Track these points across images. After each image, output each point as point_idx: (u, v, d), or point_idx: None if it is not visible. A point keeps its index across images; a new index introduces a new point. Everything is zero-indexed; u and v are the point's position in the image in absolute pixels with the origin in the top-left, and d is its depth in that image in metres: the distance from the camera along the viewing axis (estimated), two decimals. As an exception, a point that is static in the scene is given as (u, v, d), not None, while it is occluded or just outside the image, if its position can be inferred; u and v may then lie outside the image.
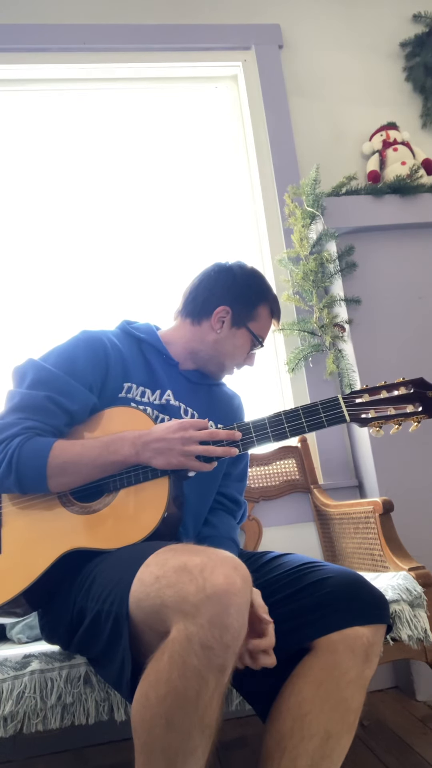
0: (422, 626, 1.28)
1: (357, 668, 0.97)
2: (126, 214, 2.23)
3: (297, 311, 2.10)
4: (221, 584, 0.82)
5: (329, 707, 0.94)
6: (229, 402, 1.43)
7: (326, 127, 2.34)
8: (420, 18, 2.48)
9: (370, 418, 1.07)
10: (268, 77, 2.33)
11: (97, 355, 1.23)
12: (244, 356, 1.39)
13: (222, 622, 0.80)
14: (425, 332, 2.05)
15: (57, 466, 1.09)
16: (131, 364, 1.28)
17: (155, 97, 2.37)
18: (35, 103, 2.28)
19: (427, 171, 2.20)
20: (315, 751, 0.91)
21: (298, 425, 1.10)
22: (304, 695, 0.95)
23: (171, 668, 0.80)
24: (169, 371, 1.32)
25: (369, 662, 0.98)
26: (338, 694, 0.95)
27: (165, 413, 1.27)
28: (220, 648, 0.80)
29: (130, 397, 1.24)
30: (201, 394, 1.36)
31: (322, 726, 0.92)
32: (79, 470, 1.10)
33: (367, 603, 1.02)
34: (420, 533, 1.79)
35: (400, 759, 1.42)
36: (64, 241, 2.18)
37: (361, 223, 2.05)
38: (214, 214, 2.29)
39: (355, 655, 0.97)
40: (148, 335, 1.35)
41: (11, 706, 1.10)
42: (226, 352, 1.36)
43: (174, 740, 0.79)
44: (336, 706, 0.94)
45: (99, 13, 2.29)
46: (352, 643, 0.98)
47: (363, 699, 0.98)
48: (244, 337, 1.36)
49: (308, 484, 1.95)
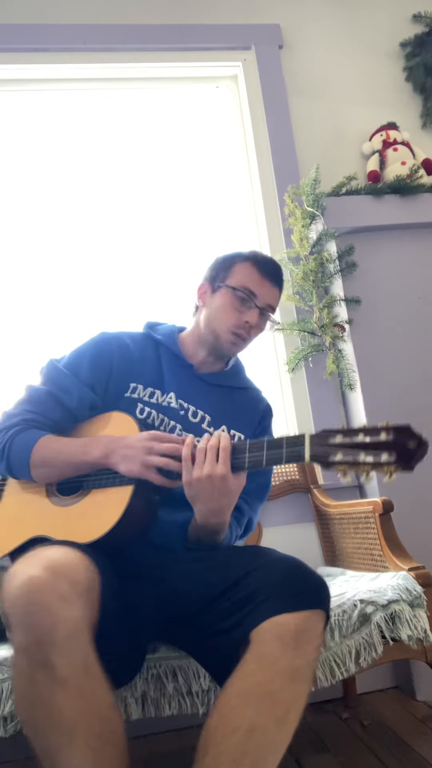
0: (422, 626, 1.28)
1: (286, 657, 0.92)
2: (126, 214, 2.23)
3: (297, 311, 2.09)
4: (18, 588, 0.86)
5: (255, 699, 0.90)
6: (251, 408, 1.40)
7: (326, 127, 2.34)
8: (420, 18, 2.48)
9: (335, 462, 0.96)
10: (268, 77, 2.33)
11: (102, 356, 1.30)
12: (236, 315, 1.31)
13: (27, 623, 0.84)
14: (425, 332, 2.05)
15: (38, 458, 1.17)
16: (142, 366, 1.32)
17: (155, 97, 2.37)
18: (35, 103, 2.28)
19: (427, 171, 2.20)
20: (238, 746, 0.86)
21: (257, 457, 1.06)
22: (232, 689, 0.92)
23: (15, 675, 0.89)
24: (180, 373, 1.34)
25: (299, 650, 0.93)
26: (266, 685, 0.91)
27: (165, 414, 1.29)
28: (34, 647, 0.84)
29: (136, 397, 1.28)
30: (217, 397, 1.36)
31: (246, 719, 0.88)
32: (55, 465, 1.17)
33: (298, 589, 0.99)
34: (420, 533, 1.79)
35: (400, 759, 1.42)
36: (63, 241, 2.18)
37: (361, 223, 2.05)
38: (214, 214, 2.29)
39: (283, 644, 0.93)
40: (165, 337, 1.38)
41: (11, 706, 1.11)
42: (213, 318, 1.33)
43: (41, 743, 0.85)
44: (263, 698, 0.90)
45: (99, 13, 2.29)
46: (280, 630, 0.94)
47: (299, 691, 0.93)
48: (224, 295, 1.32)
49: (308, 484, 1.95)
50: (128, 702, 1.14)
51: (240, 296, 1.31)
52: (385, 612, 1.27)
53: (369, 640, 1.25)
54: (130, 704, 1.14)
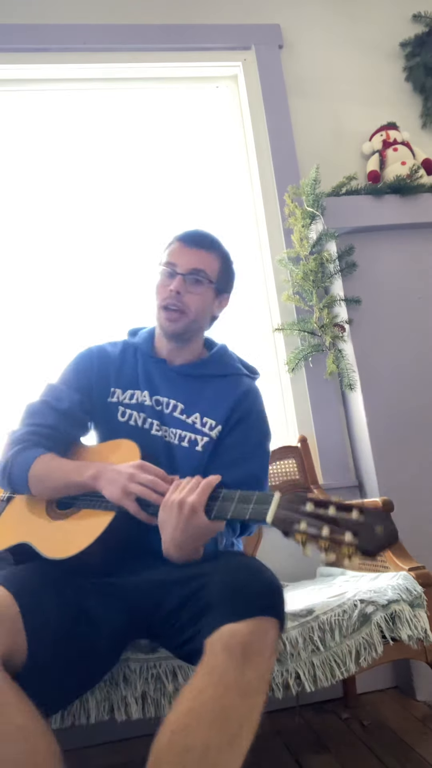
0: (422, 626, 1.28)
1: (235, 670, 0.89)
2: (126, 214, 2.23)
3: (297, 311, 2.09)
4: None
5: (208, 718, 0.86)
6: (226, 394, 1.35)
7: (326, 127, 2.34)
8: (420, 18, 2.48)
9: (296, 530, 0.91)
10: (268, 77, 2.33)
11: (84, 367, 1.40)
12: (164, 290, 1.35)
13: None
14: (425, 332, 2.05)
15: (35, 476, 1.24)
16: (121, 370, 1.39)
17: (155, 97, 2.37)
18: (35, 103, 2.28)
19: (427, 171, 2.20)
20: (192, 766, 0.83)
21: (223, 508, 1.04)
22: (183, 706, 0.89)
23: None
24: (153, 370, 1.38)
25: (249, 662, 0.89)
26: (217, 702, 0.87)
27: (143, 413, 1.34)
28: None
29: (116, 401, 1.36)
30: (191, 386, 1.37)
31: (199, 739, 0.84)
32: (49, 483, 1.23)
33: (246, 595, 0.96)
34: (420, 533, 1.79)
35: (400, 759, 1.42)
36: (63, 241, 2.18)
37: (361, 223, 2.05)
38: (214, 214, 2.28)
39: (232, 655, 0.89)
40: (141, 339, 1.44)
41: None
42: (155, 299, 1.38)
43: None
44: (216, 715, 0.86)
45: (99, 13, 2.29)
46: (228, 641, 0.90)
47: (251, 705, 0.89)
48: (158, 275, 1.38)
49: (308, 484, 1.94)
50: (128, 702, 1.15)
51: (166, 271, 1.36)
52: (385, 612, 1.27)
53: (369, 639, 1.25)
54: (130, 704, 1.15)
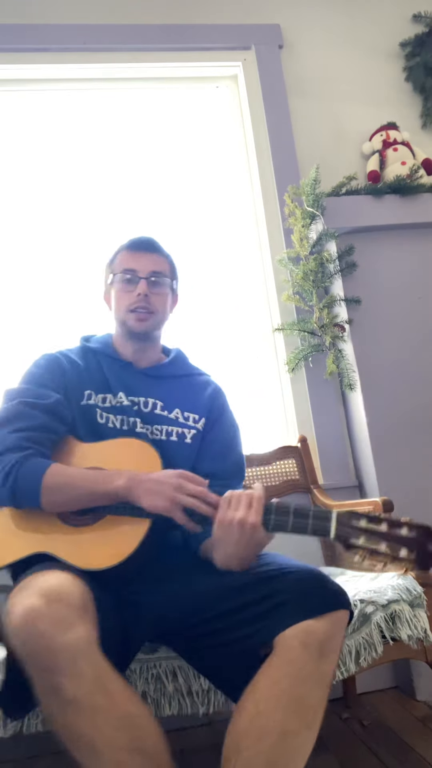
0: (422, 626, 1.28)
1: (312, 663, 0.96)
2: (126, 214, 2.23)
3: (297, 311, 2.09)
4: (17, 620, 0.89)
5: (285, 704, 0.94)
6: (200, 390, 1.42)
7: (326, 127, 2.34)
8: (420, 18, 2.48)
9: (358, 546, 0.99)
10: (268, 77, 2.33)
11: (56, 368, 1.34)
12: (127, 295, 1.38)
13: (30, 652, 0.88)
14: (425, 332, 2.05)
15: (52, 484, 1.13)
16: (89, 375, 1.37)
17: (155, 97, 2.37)
18: (35, 103, 2.28)
19: (427, 171, 2.20)
20: (271, 750, 0.91)
21: (281, 522, 1.05)
22: (260, 694, 0.96)
23: (39, 699, 0.92)
24: (121, 372, 1.38)
25: (325, 657, 0.98)
26: (294, 690, 0.94)
27: (122, 414, 1.32)
28: (41, 674, 0.88)
29: (93, 404, 1.32)
30: (163, 386, 1.39)
31: (278, 724, 0.92)
32: (71, 493, 1.13)
33: (320, 596, 1.02)
34: (420, 533, 1.79)
35: (400, 759, 1.42)
36: (62, 241, 2.18)
37: (361, 223, 2.05)
38: (214, 214, 2.28)
39: (309, 651, 0.96)
40: (100, 344, 1.43)
41: (11, 706, 1.10)
42: (116, 309, 1.41)
43: (76, 757, 0.90)
44: (292, 703, 0.94)
45: (99, 13, 2.29)
46: (305, 638, 0.97)
47: (324, 694, 0.98)
48: (115, 285, 1.41)
49: (308, 484, 1.95)
50: (128, 702, 1.14)
51: (124, 278, 1.39)
52: (385, 612, 1.27)
53: (369, 639, 1.25)
54: (130, 704, 1.14)
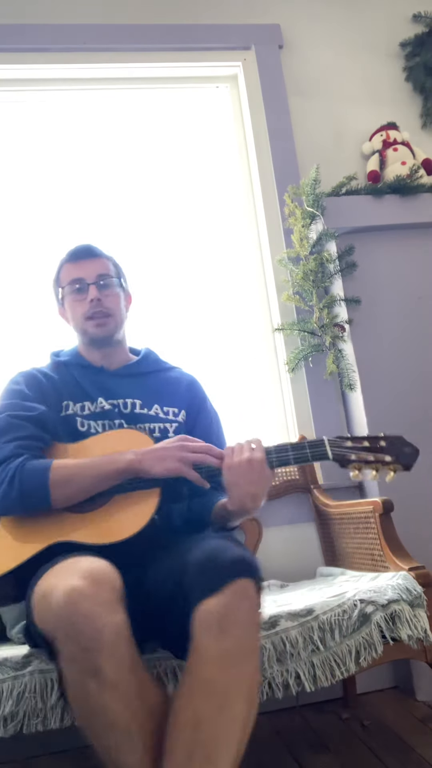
0: (422, 626, 1.28)
1: (213, 643, 0.92)
2: (125, 214, 2.23)
3: (297, 311, 2.09)
4: (61, 601, 0.90)
5: (194, 692, 0.92)
6: (176, 384, 1.46)
7: (326, 127, 2.34)
8: (420, 18, 2.47)
9: (351, 460, 1.20)
10: (268, 77, 2.33)
11: (34, 384, 1.37)
12: (80, 304, 1.42)
13: (73, 633, 0.89)
14: (425, 332, 2.05)
15: (60, 477, 1.17)
16: (64, 386, 1.39)
17: (155, 97, 2.37)
18: (35, 103, 2.28)
19: (427, 171, 2.20)
20: (189, 741, 0.88)
21: (283, 457, 1.21)
22: (179, 688, 0.96)
23: (69, 685, 0.93)
24: (95, 379, 1.41)
25: (225, 632, 0.92)
26: (201, 676, 0.92)
27: (104, 419, 1.34)
28: (82, 655, 0.89)
29: (72, 413, 1.35)
30: (139, 383, 1.42)
31: (191, 713, 0.90)
32: (81, 481, 1.17)
33: (214, 570, 0.97)
34: (420, 533, 1.79)
35: (400, 759, 1.42)
36: (62, 241, 2.17)
37: (361, 223, 2.05)
38: (214, 214, 2.28)
39: (209, 631, 0.92)
40: (70, 356, 1.47)
41: (11, 706, 1.11)
42: (72, 320, 1.46)
43: (101, 743, 0.90)
44: (201, 689, 0.91)
45: (99, 13, 2.29)
46: (204, 618, 0.93)
47: (236, 674, 0.92)
48: (66, 298, 1.46)
49: (308, 484, 1.94)
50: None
51: (74, 288, 1.43)
52: (385, 612, 1.27)
53: (369, 639, 1.25)
54: (130, 704, 1.14)
